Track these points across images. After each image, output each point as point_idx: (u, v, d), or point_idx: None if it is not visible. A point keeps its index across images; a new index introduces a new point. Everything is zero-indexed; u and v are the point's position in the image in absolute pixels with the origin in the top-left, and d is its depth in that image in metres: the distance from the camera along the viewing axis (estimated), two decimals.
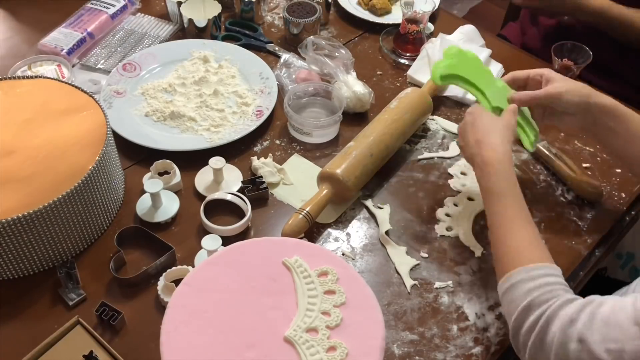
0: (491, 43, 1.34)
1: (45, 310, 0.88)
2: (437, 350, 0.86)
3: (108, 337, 0.85)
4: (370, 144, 1.03)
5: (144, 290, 0.90)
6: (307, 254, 0.80)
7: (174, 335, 0.72)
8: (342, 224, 1.01)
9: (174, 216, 1.00)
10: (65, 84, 1.02)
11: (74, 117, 0.97)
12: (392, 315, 0.89)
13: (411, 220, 1.02)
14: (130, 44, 1.32)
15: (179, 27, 1.36)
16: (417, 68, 1.27)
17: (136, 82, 1.20)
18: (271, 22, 1.40)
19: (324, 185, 1.00)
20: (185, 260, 0.94)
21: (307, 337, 0.73)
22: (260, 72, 1.23)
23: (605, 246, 1.01)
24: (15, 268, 0.89)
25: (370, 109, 1.18)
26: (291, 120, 1.12)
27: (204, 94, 1.17)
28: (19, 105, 0.97)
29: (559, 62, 1.15)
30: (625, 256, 1.26)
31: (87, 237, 0.95)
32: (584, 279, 0.98)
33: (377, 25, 1.39)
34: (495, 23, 1.94)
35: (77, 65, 1.27)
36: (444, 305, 0.91)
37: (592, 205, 1.04)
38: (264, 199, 1.03)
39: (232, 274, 0.78)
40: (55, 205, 0.85)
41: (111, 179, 0.96)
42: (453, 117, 1.20)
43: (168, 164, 1.04)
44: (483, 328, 0.88)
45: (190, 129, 1.12)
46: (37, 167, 0.89)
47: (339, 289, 0.77)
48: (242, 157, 1.10)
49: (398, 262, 0.95)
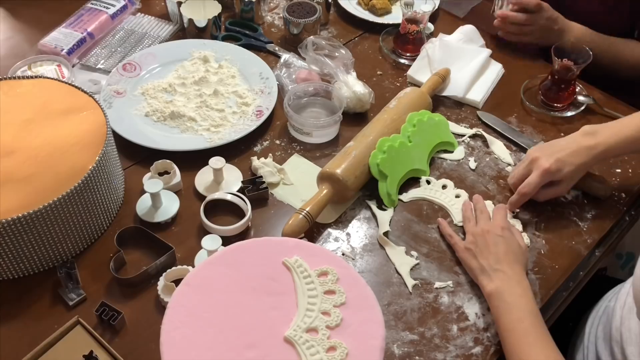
0: (490, 42, 1.34)
1: (45, 310, 0.88)
2: (437, 350, 0.86)
3: (108, 337, 0.85)
4: (370, 143, 1.03)
5: (144, 290, 0.90)
6: (307, 254, 0.80)
7: (174, 335, 0.72)
8: (342, 224, 1.01)
9: (174, 216, 1.00)
10: (65, 84, 1.02)
11: (74, 117, 0.97)
12: (392, 315, 0.89)
13: (411, 220, 1.02)
14: (130, 44, 1.32)
15: (179, 27, 1.36)
16: (417, 68, 1.27)
17: (136, 82, 1.20)
18: (271, 22, 1.40)
19: (323, 185, 1.00)
20: (185, 260, 0.94)
21: (307, 337, 0.72)
22: (260, 72, 1.23)
23: (605, 246, 1.01)
24: (15, 268, 0.89)
25: (370, 109, 1.18)
26: (291, 120, 1.12)
27: (204, 94, 1.17)
28: (19, 105, 0.97)
29: (559, 62, 1.15)
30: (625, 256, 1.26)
31: (87, 237, 0.95)
32: (584, 279, 0.98)
33: (377, 25, 1.39)
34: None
35: (77, 65, 1.27)
36: (444, 305, 0.91)
37: (592, 205, 1.04)
38: (264, 199, 1.03)
39: (232, 274, 0.78)
40: (55, 206, 0.85)
41: (111, 179, 0.96)
42: (453, 116, 1.20)
43: (168, 164, 1.03)
44: (483, 328, 0.88)
45: (190, 129, 1.12)
46: (37, 167, 0.89)
47: (339, 289, 0.77)
48: (242, 157, 1.10)
49: (398, 263, 0.95)
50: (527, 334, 0.80)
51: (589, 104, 1.20)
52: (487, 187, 1.06)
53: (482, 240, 0.92)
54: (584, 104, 1.20)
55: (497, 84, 1.27)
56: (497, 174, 1.09)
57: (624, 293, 0.92)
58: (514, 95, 1.24)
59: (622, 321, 0.87)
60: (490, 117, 1.18)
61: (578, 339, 1.01)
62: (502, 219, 0.95)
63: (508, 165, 1.10)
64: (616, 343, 0.87)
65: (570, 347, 1.03)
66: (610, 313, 0.92)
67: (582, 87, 1.23)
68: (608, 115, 1.19)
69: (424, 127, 1.09)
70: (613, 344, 0.87)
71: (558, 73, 1.17)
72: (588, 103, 1.20)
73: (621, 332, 0.86)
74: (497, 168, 1.10)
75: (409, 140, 1.06)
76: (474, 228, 0.95)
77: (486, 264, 0.89)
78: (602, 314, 0.96)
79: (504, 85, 1.27)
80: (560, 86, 1.18)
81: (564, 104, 1.20)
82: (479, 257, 0.90)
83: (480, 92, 1.23)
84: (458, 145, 1.14)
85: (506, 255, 0.88)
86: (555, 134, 1.16)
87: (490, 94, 1.24)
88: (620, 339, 0.86)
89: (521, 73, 1.28)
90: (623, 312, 0.88)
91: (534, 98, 1.23)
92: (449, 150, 1.13)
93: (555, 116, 1.19)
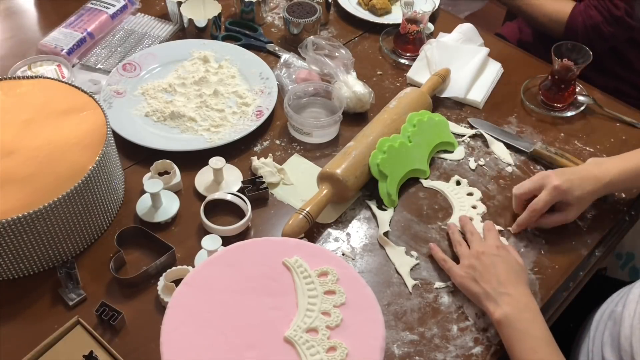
0: (489, 42, 1.34)
1: (45, 310, 0.88)
2: (437, 350, 0.86)
3: (108, 337, 0.85)
4: (370, 143, 1.03)
5: (144, 290, 0.90)
6: (307, 254, 0.80)
7: (174, 335, 0.72)
8: (342, 224, 1.01)
9: (174, 216, 1.00)
10: (65, 84, 1.02)
11: (74, 117, 0.97)
12: (392, 315, 0.89)
13: (411, 219, 1.02)
14: (130, 44, 1.32)
15: (179, 27, 1.36)
16: (416, 69, 1.27)
17: (136, 82, 1.20)
18: (271, 22, 1.40)
19: (323, 185, 1.00)
20: (185, 260, 0.94)
21: (307, 337, 0.73)
22: (260, 72, 1.23)
23: (605, 246, 1.01)
24: (15, 268, 0.89)
25: (370, 109, 1.18)
26: (291, 120, 1.12)
27: (204, 94, 1.17)
28: (19, 106, 0.97)
29: (559, 62, 1.15)
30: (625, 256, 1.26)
31: (87, 237, 0.95)
32: (584, 279, 0.98)
33: (377, 25, 1.39)
34: (496, 23, 1.94)
35: (77, 65, 1.27)
36: (444, 305, 0.91)
37: (592, 205, 1.04)
38: (264, 199, 1.03)
39: (232, 274, 0.78)
40: (55, 205, 0.85)
41: (111, 179, 0.96)
42: (453, 116, 1.20)
43: (168, 164, 1.03)
44: (483, 328, 0.88)
45: (190, 129, 1.12)
46: (37, 167, 0.89)
47: (339, 289, 0.77)
48: (242, 157, 1.10)
49: (398, 263, 0.95)
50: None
51: (589, 104, 1.20)
52: (487, 187, 1.06)
53: (479, 264, 0.89)
54: (584, 104, 1.20)
55: (497, 84, 1.27)
56: (497, 174, 1.09)
57: (632, 300, 0.89)
58: (514, 95, 1.24)
59: (632, 331, 0.85)
60: (483, 123, 1.17)
61: (582, 341, 1.00)
62: (494, 238, 0.93)
63: (508, 165, 1.10)
64: (625, 353, 0.85)
65: (573, 349, 1.02)
66: (618, 319, 0.90)
67: (582, 87, 1.23)
68: (608, 115, 1.19)
69: (424, 127, 1.09)
70: (622, 354, 0.86)
71: (558, 73, 1.17)
72: (588, 103, 1.20)
73: (631, 343, 0.85)
74: (497, 168, 1.10)
75: (409, 141, 1.06)
76: (468, 251, 0.92)
77: (490, 288, 0.86)
78: (607, 318, 0.95)
79: (503, 85, 1.27)
80: (560, 86, 1.18)
81: (564, 104, 1.20)
82: (480, 281, 0.87)
83: (480, 92, 1.23)
84: (458, 145, 1.14)
85: (507, 275, 0.86)
86: (555, 134, 1.16)
87: (490, 94, 1.24)
88: (631, 350, 0.84)
89: (521, 73, 1.28)
90: (633, 321, 0.86)
91: (534, 98, 1.23)
92: (449, 151, 1.13)
93: (555, 116, 1.19)
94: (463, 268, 0.90)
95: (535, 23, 1.40)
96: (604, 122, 1.19)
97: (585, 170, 0.98)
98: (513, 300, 0.84)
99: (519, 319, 0.82)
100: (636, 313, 0.87)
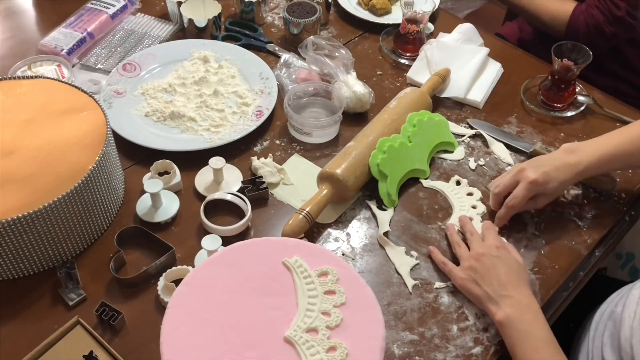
0: (489, 42, 1.34)
1: (45, 310, 0.88)
2: (437, 350, 0.86)
3: (108, 337, 0.85)
4: (370, 143, 1.03)
5: (144, 290, 0.90)
6: (307, 254, 0.80)
7: (174, 335, 0.72)
8: (342, 224, 1.01)
9: (174, 216, 1.00)
10: (65, 84, 1.02)
11: (74, 117, 0.97)
12: (392, 315, 0.89)
13: (411, 219, 1.02)
14: (130, 44, 1.32)
15: (179, 27, 1.36)
16: (416, 70, 1.27)
17: (136, 82, 1.20)
18: (271, 22, 1.40)
19: (323, 185, 1.00)
20: (185, 260, 0.94)
21: (307, 337, 0.73)
22: (260, 72, 1.23)
23: (605, 246, 1.01)
24: (15, 268, 0.89)
25: (370, 109, 1.18)
26: (291, 120, 1.12)
27: (204, 94, 1.17)
28: (19, 106, 0.97)
29: (559, 62, 1.15)
30: (625, 256, 1.26)
31: (87, 237, 0.95)
32: (584, 279, 0.98)
33: (377, 25, 1.39)
34: (496, 23, 1.94)
35: (77, 65, 1.27)
36: (444, 305, 0.91)
37: (592, 205, 1.04)
38: (264, 199, 1.03)
39: (232, 274, 0.78)
40: (55, 205, 0.85)
41: (111, 179, 0.96)
42: (453, 117, 1.20)
43: (168, 164, 1.04)
44: (483, 328, 0.88)
45: (190, 129, 1.12)
46: (37, 167, 0.89)
47: (339, 289, 0.77)
48: (242, 157, 1.10)
49: (398, 263, 0.95)
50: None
51: (589, 104, 1.20)
52: (487, 187, 1.06)
53: (480, 265, 0.88)
54: (584, 104, 1.20)
55: (497, 84, 1.27)
56: (497, 174, 1.09)
57: (632, 301, 0.89)
58: (514, 95, 1.24)
59: (632, 333, 0.85)
60: (482, 124, 1.17)
61: (581, 341, 1.00)
62: (494, 238, 0.93)
63: (508, 166, 1.10)
64: (626, 354, 0.85)
65: (573, 348, 1.02)
66: (618, 320, 0.90)
67: (582, 87, 1.23)
68: (608, 116, 1.19)
69: (424, 127, 1.09)
70: (622, 355, 0.86)
71: (558, 73, 1.17)
72: (588, 103, 1.20)
73: (632, 344, 0.84)
74: (497, 168, 1.10)
75: (409, 141, 1.06)
76: (468, 253, 0.92)
77: (491, 291, 0.86)
78: (607, 319, 0.94)
79: (503, 85, 1.27)
80: (560, 86, 1.18)
81: (564, 104, 1.20)
82: (481, 283, 0.87)
83: (480, 92, 1.23)
84: (458, 145, 1.14)
85: (508, 276, 0.86)
86: (555, 134, 1.16)
87: (490, 94, 1.24)
88: (631, 352, 0.84)
89: (521, 73, 1.28)
90: (633, 323, 0.86)
91: (534, 98, 1.23)
92: (449, 151, 1.13)
93: (555, 116, 1.19)
94: (463, 270, 0.90)
95: (536, 22, 1.40)
96: (604, 122, 1.19)
97: (558, 159, 0.98)
98: (514, 301, 0.84)
99: (521, 320, 0.82)
100: (636, 314, 0.86)
